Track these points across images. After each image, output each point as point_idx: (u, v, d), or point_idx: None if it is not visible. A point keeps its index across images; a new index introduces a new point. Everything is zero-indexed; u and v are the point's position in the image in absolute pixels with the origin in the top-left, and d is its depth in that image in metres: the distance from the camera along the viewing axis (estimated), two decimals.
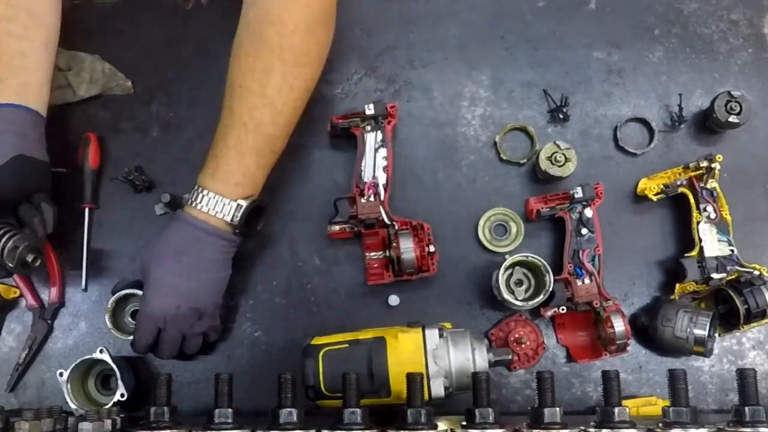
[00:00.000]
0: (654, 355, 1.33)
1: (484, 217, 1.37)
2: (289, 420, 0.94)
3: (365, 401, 1.02)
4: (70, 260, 1.37)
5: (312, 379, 1.12)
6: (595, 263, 1.29)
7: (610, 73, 1.44)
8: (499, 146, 1.40)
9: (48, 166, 1.23)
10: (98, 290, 1.37)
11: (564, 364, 1.33)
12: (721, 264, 1.28)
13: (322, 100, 1.42)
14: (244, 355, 1.34)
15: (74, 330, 1.36)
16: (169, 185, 1.39)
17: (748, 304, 1.25)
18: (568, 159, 1.33)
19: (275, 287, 1.36)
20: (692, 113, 1.42)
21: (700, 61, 1.45)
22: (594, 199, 1.30)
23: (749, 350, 1.34)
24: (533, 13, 1.47)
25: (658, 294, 1.35)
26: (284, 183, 1.40)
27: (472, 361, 1.13)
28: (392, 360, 1.11)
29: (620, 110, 1.43)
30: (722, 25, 1.46)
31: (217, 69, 1.43)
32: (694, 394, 1.30)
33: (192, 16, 1.47)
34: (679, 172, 1.34)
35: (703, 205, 1.31)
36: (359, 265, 1.36)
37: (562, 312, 1.28)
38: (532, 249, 1.32)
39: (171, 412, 0.96)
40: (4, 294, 1.34)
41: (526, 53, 1.45)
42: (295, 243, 1.37)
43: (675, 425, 0.92)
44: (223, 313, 1.30)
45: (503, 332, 1.33)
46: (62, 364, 1.33)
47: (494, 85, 1.44)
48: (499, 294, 1.27)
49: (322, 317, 1.35)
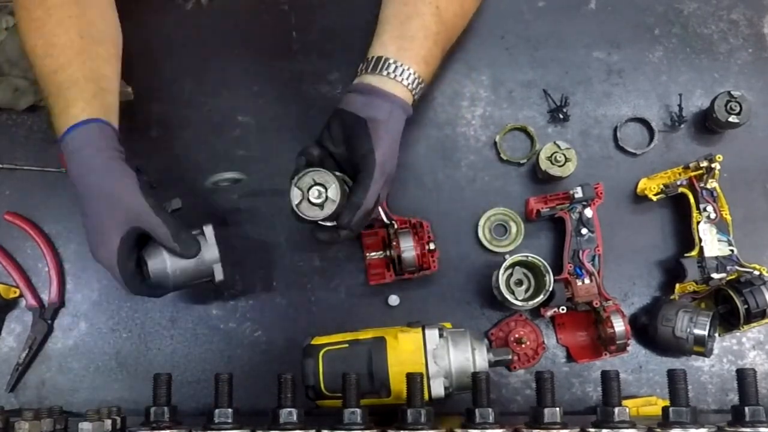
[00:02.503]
0: (654, 355, 1.33)
1: (484, 217, 1.37)
2: (289, 420, 0.94)
3: (365, 401, 1.01)
4: (70, 260, 1.38)
5: (312, 379, 1.12)
6: (595, 263, 1.29)
7: (610, 73, 1.44)
8: (499, 146, 1.40)
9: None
10: (98, 290, 1.37)
11: (564, 364, 1.34)
12: (721, 264, 1.28)
13: (323, 100, 1.42)
14: (244, 355, 1.34)
15: (74, 330, 1.36)
16: (169, 185, 1.39)
17: (748, 304, 1.25)
18: (568, 159, 1.33)
19: (275, 287, 1.36)
20: (692, 113, 1.42)
21: (700, 61, 1.45)
22: (594, 199, 1.30)
23: (749, 350, 1.34)
24: (533, 13, 1.47)
25: (658, 294, 1.35)
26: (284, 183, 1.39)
27: (472, 361, 1.13)
28: (392, 360, 1.11)
29: (620, 110, 1.43)
30: (722, 25, 1.46)
31: (217, 69, 1.44)
32: (694, 394, 1.30)
33: (192, 16, 1.47)
34: (679, 172, 1.34)
35: (703, 205, 1.31)
36: (359, 265, 1.36)
37: (562, 312, 1.28)
38: (532, 249, 1.32)
39: (171, 412, 0.96)
40: (4, 294, 1.34)
41: (526, 53, 1.45)
42: (294, 243, 1.37)
43: (675, 425, 0.92)
44: None
45: (503, 332, 1.33)
46: (62, 364, 1.34)
47: (494, 85, 1.44)
48: (499, 294, 1.27)
49: (322, 317, 1.35)
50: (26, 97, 1.40)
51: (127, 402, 1.27)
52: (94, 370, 1.35)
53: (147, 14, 1.47)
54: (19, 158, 1.41)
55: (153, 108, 1.43)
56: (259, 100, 1.43)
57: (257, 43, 1.46)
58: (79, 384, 1.34)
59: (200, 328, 1.36)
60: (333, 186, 1.12)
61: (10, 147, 1.42)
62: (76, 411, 1.30)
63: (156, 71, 1.45)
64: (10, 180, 1.41)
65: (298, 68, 1.44)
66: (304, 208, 1.14)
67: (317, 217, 1.14)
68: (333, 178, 1.13)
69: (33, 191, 1.40)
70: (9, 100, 1.40)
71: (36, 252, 1.38)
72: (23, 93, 1.40)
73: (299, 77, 1.44)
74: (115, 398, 1.32)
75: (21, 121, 1.43)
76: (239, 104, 1.43)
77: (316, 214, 1.13)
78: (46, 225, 1.39)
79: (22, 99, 1.40)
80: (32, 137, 1.42)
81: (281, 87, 1.44)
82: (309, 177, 1.13)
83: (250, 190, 1.39)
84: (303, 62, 1.44)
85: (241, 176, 1.25)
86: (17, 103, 1.41)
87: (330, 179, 1.13)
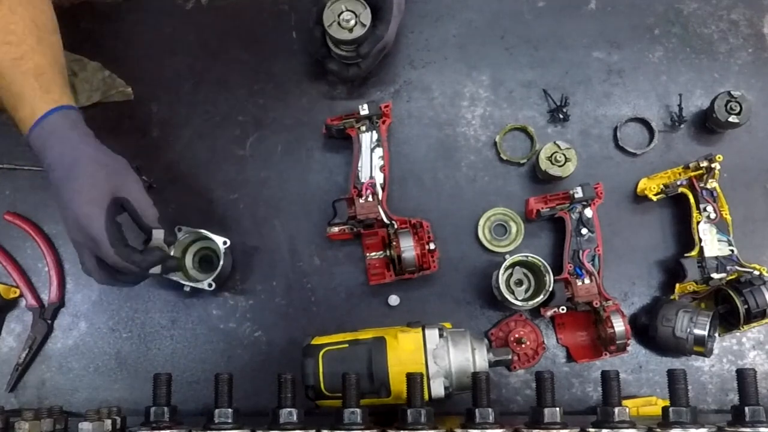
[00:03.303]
0: (654, 355, 1.33)
1: (484, 217, 1.37)
2: (289, 420, 0.94)
3: (365, 401, 1.02)
4: (70, 260, 1.38)
5: (312, 379, 1.12)
6: (595, 263, 1.29)
7: (610, 73, 1.44)
8: (499, 146, 1.40)
9: None
10: (98, 290, 1.37)
11: (564, 364, 1.34)
12: (721, 264, 1.28)
13: (323, 100, 1.42)
14: (244, 355, 1.34)
15: (74, 330, 1.36)
16: (169, 185, 1.39)
17: (748, 304, 1.25)
18: (568, 159, 1.33)
19: (275, 287, 1.36)
20: (692, 113, 1.42)
21: (700, 61, 1.45)
22: (594, 199, 1.30)
23: (749, 350, 1.34)
24: (533, 13, 1.47)
25: (658, 294, 1.35)
26: (284, 183, 1.40)
27: (472, 361, 1.13)
28: (392, 360, 1.11)
29: (620, 110, 1.43)
30: (722, 25, 1.46)
31: (217, 69, 1.44)
32: (694, 394, 1.30)
33: (192, 16, 1.47)
34: (679, 172, 1.34)
35: (703, 205, 1.31)
36: (359, 265, 1.36)
37: (562, 312, 1.28)
38: (532, 249, 1.32)
39: (171, 412, 0.96)
40: (4, 294, 1.34)
41: (526, 53, 1.45)
42: (294, 243, 1.37)
43: (675, 425, 0.92)
44: None
45: (503, 332, 1.33)
46: (62, 364, 1.34)
47: (494, 85, 1.44)
48: (499, 294, 1.27)
49: (322, 317, 1.35)
50: None
51: (127, 402, 1.27)
52: (94, 370, 1.35)
53: (147, 14, 1.47)
54: (19, 158, 1.41)
55: (153, 108, 1.43)
56: (259, 100, 1.43)
57: (257, 43, 1.46)
58: (79, 384, 1.34)
59: (200, 328, 1.36)
60: (364, 12, 1.28)
61: (10, 147, 1.42)
62: (76, 411, 1.30)
63: (156, 71, 1.44)
64: (10, 180, 1.41)
65: (298, 68, 1.44)
66: (334, 29, 1.28)
67: (345, 38, 1.28)
68: (363, 5, 1.28)
69: (33, 191, 1.40)
70: None
71: (36, 252, 1.38)
72: None
73: (299, 77, 1.44)
74: (115, 398, 1.32)
75: None
76: (239, 104, 1.43)
77: (345, 36, 1.28)
78: (46, 225, 1.39)
79: None
80: None
81: (281, 87, 1.44)
82: (341, 3, 1.28)
83: (250, 190, 1.39)
84: (303, 62, 1.44)
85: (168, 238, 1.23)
86: None
87: (360, 7, 1.28)
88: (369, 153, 1.33)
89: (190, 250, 1.36)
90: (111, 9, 1.48)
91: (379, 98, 1.41)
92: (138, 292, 1.36)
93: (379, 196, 1.30)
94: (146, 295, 1.36)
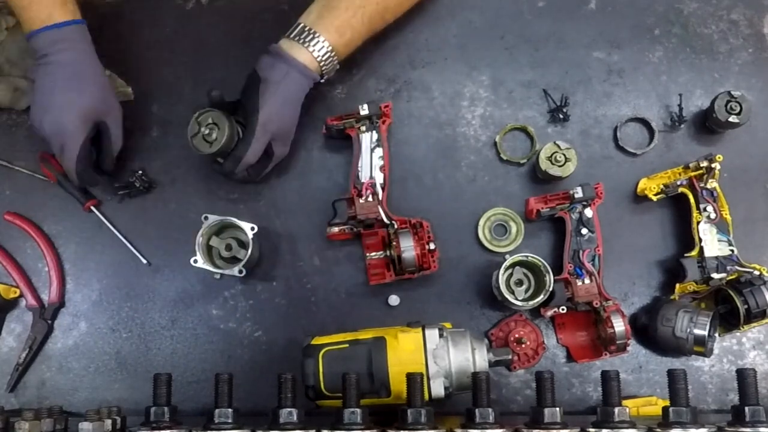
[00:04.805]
0: (654, 355, 1.33)
1: (484, 217, 1.37)
2: (289, 420, 0.94)
3: (365, 401, 1.02)
4: (70, 260, 1.38)
5: (312, 379, 1.12)
6: (595, 263, 1.29)
7: (610, 73, 1.44)
8: (499, 146, 1.40)
9: None
10: (98, 290, 1.37)
11: (564, 364, 1.34)
12: (721, 264, 1.28)
13: (323, 100, 1.42)
14: (244, 355, 1.34)
15: (74, 330, 1.36)
16: (169, 185, 1.39)
17: (748, 304, 1.25)
18: (568, 159, 1.33)
19: (275, 287, 1.36)
20: (692, 113, 1.42)
21: (700, 61, 1.45)
22: (594, 199, 1.30)
23: (749, 350, 1.34)
24: (533, 13, 1.47)
25: (658, 294, 1.35)
26: (284, 183, 1.40)
27: (472, 361, 1.13)
28: (392, 360, 1.11)
29: (620, 110, 1.43)
30: (722, 25, 1.46)
31: (217, 69, 1.44)
32: (694, 394, 1.30)
33: (192, 16, 1.48)
34: (679, 172, 1.34)
35: (703, 205, 1.31)
36: (359, 265, 1.36)
37: (562, 312, 1.28)
38: (532, 249, 1.32)
39: (171, 412, 0.96)
40: (4, 294, 1.34)
41: (526, 53, 1.45)
42: (295, 243, 1.38)
43: (675, 425, 0.92)
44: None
45: (503, 332, 1.33)
46: (62, 364, 1.34)
47: (494, 85, 1.44)
48: (499, 294, 1.27)
49: (322, 317, 1.35)
50: (26, 97, 1.40)
51: (127, 402, 1.27)
52: (94, 370, 1.35)
53: (147, 14, 1.47)
54: (19, 158, 1.41)
55: (153, 108, 1.44)
56: None
57: (257, 43, 1.45)
58: (79, 384, 1.34)
59: (200, 328, 1.36)
60: (223, 129, 1.23)
61: (11, 147, 1.42)
62: (76, 411, 1.30)
63: (156, 71, 1.45)
64: (10, 180, 1.41)
65: None
66: (196, 141, 1.25)
67: (204, 152, 1.25)
68: (228, 124, 1.24)
69: (33, 191, 1.40)
70: (9, 100, 1.40)
71: (36, 252, 1.38)
72: (23, 93, 1.40)
73: None
74: (115, 398, 1.32)
75: (21, 121, 1.43)
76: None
77: (204, 150, 1.25)
78: (46, 225, 1.39)
79: (22, 99, 1.40)
80: (32, 137, 1.42)
81: None
82: (209, 115, 1.25)
83: (250, 190, 1.39)
84: None
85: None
86: (17, 103, 1.41)
87: (225, 124, 1.24)
88: (369, 153, 1.33)
89: (216, 239, 1.31)
90: (111, 9, 1.48)
91: (379, 98, 1.41)
92: (138, 292, 1.36)
93: (379, 196, 1.30)
94: (146, 295, 1.37)
